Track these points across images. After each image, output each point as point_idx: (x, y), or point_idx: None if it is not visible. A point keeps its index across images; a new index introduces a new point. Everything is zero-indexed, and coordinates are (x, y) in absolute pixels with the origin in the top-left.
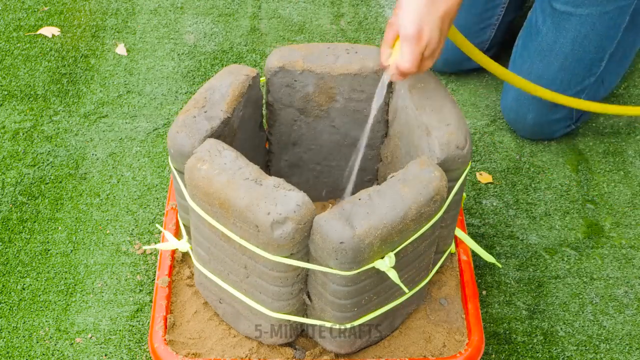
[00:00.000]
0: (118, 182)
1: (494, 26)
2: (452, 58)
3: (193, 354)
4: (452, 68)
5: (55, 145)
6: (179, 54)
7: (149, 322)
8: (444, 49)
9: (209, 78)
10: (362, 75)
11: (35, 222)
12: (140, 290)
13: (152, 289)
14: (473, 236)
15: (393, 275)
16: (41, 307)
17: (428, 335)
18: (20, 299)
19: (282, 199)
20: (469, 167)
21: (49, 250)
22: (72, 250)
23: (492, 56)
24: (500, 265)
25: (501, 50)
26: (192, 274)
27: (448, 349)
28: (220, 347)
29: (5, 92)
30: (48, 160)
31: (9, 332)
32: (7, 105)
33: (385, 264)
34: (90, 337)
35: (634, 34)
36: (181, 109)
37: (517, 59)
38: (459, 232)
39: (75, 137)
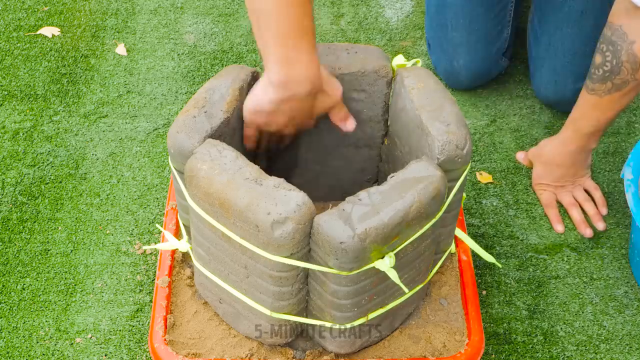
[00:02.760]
0: (118, 182)
1: (508, 24)
2: (480, 70)
3: (193, 354)
4: (480, 81)
5: (55, 145)
6: (179, 54)
7: (149, 322)
8: (471, 62)
9: (209, 78)
10: (362, 75)
11: (35, 222)
12: (140, 290)
13: (152, 289)
14: (473, 236)
15: (393, 275)
16: (41, 307)
17: (428, 335)
18: (20, 299)
19: (282, 199)
20: (469, 167)
21: (49, 250)
22: (72, 250)
23: (510, 59)
24: (500, 265)
25: (515, 53)
26: (193, 274)
27: (448, 349)
28: (220, 347)
29: (5, 92)
30: (48, 160)
31: (9, 332)
32: (7, 105)
33: (386, 264)
34: (90, 337)
35: None
36: (181, 109)
37: None
38: (459, 232)
39: (75, 137)
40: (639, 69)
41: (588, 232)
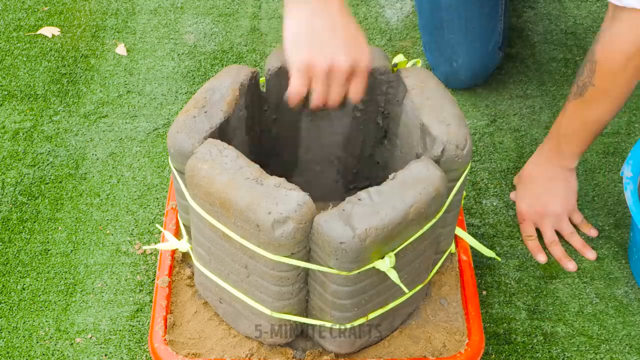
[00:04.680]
0: (118, 182)
1: (501, 18)
2: (479, 67)
3: (193, 354)
4: (480, 78)
5: (55, 145)
6: (179, 54)
7: (149, 322)
8: (469, 61)
9: (209, 78)
10: None
11: (35, 222)
12: (140, 290)
13: (152, 289)
14: (473, 236)
15: (393, 276)
16: (41, 307)
17: (428, 335)
18: (20, 299)
19: (283, 199)
20: (469, 167)
21: (49, 250)
22: (72, 250)
23: (505, 56)
24: (499, 259)
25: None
26: (193, 274)
27: (448, 349)
28: (220, 347)
29: (5, 92)
30: (48, 160)
31: (9, 332)
32: (7, 105)
33: (386, 264)
34: (90, 337)
35: None
36: (181, 109)
37: None
38: (458, 230)
39: (75, 137)
40: (595, 73)
41: (571, 266)
